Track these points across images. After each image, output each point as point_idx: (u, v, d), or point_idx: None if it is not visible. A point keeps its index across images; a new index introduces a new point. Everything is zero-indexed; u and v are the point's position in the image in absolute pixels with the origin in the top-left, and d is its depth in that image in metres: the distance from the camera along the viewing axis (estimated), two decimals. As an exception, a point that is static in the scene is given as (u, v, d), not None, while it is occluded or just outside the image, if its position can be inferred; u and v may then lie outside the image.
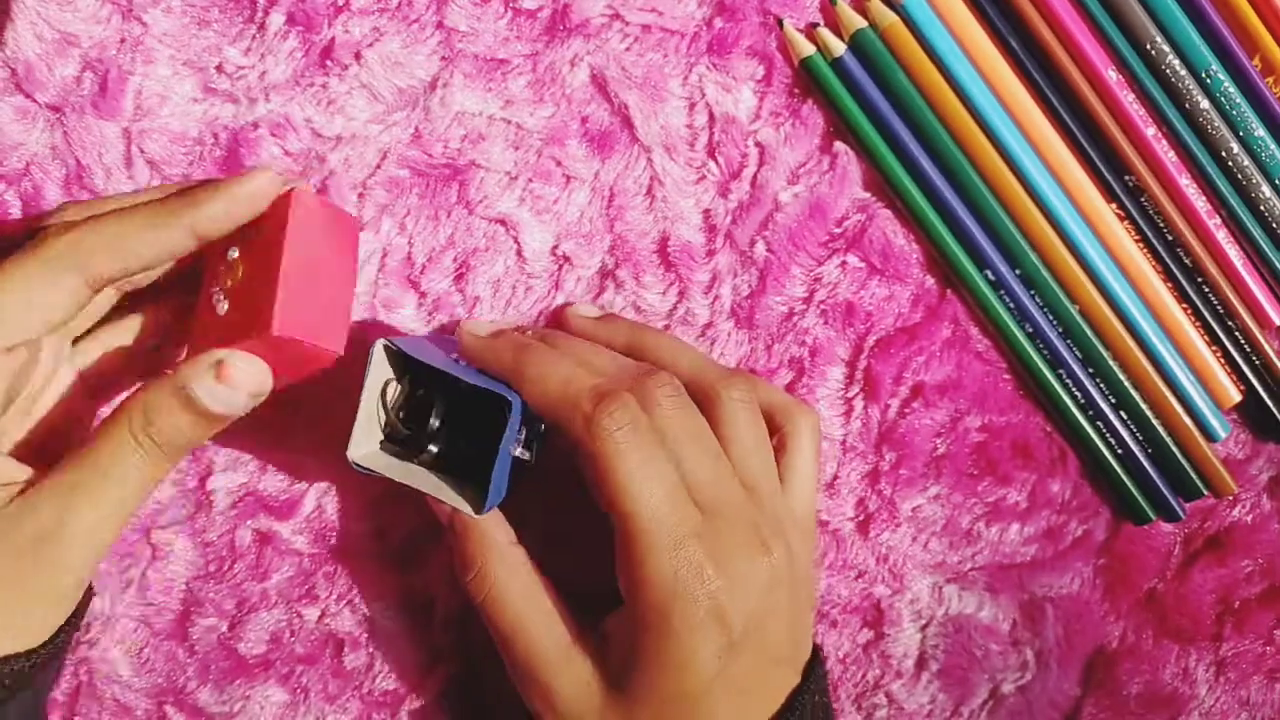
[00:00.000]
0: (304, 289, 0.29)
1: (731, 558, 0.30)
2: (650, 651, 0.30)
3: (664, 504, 0.30)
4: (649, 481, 0.30)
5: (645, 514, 0.29)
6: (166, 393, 0.28)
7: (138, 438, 0.28)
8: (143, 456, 0.28)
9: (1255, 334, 0.39)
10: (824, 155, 0.38)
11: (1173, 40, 0.38)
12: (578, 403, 0.30)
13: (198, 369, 0.28)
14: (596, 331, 0.36)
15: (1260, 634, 0.41)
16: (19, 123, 0.35)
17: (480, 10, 0.37)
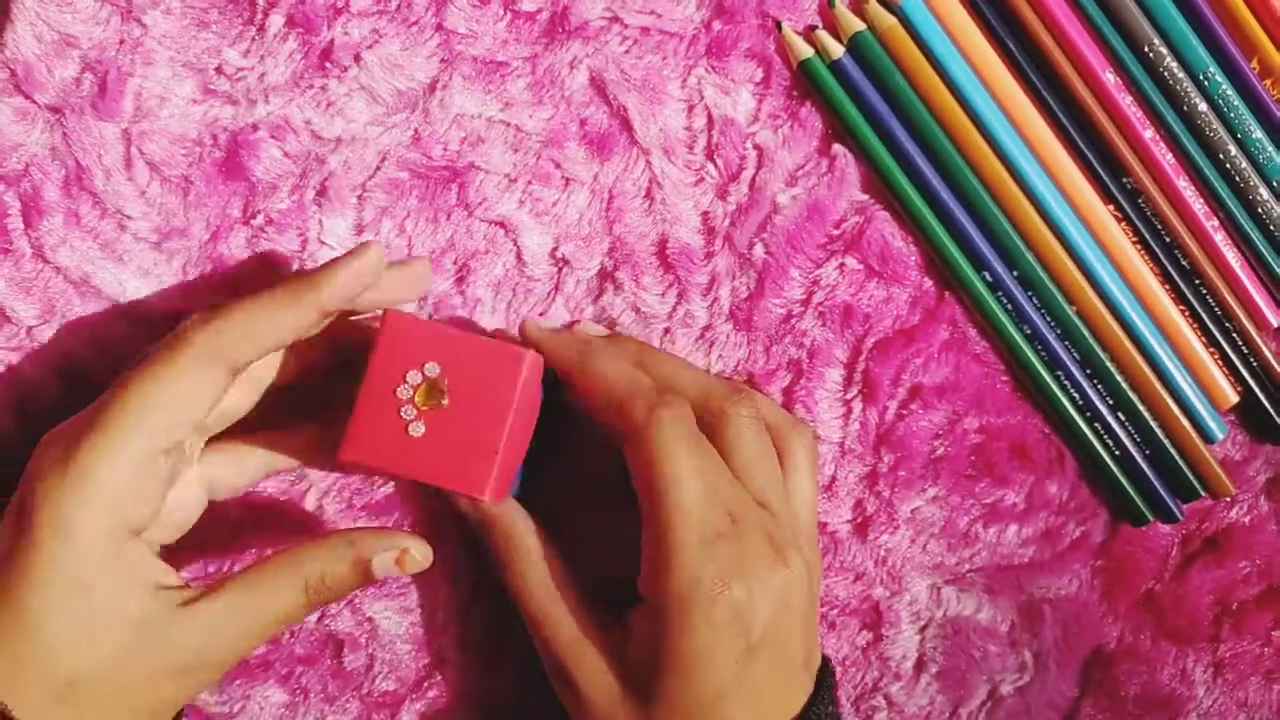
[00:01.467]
0: (509, 452, 0.32)
1: (755, 565, 0.31)
2: (671, 648, 0.31)
3: (701, 500, 0.31)
4: (692, 477, 0.31)
5: (684, 506, 0.31)
6: (347, 560, 0.30)
7: (310, 593, 0.30)
8: (304, 607, 0.30)
9: (1253, 335, 0.39)
10: (822, 158, 0.38)
11: (1170, 43, 0.38)
12: (642, 395, 0.32)
13: (382, 546, 0.31)
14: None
15: (1258, 635, 0.41)
16: (18, 124, 0.35)
17: (479, 13, 0.37)
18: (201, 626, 0.29)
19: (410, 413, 0.31)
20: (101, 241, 0.36)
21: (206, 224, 0.36)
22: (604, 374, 0.33)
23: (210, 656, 0.30)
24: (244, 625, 0.30)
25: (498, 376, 0.31)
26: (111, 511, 0.28)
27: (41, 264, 0.36)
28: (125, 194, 0.36)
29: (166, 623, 0.29)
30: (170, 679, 0.29)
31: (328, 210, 0.37)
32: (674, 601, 0.31)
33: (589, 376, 0.33)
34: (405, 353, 0.31)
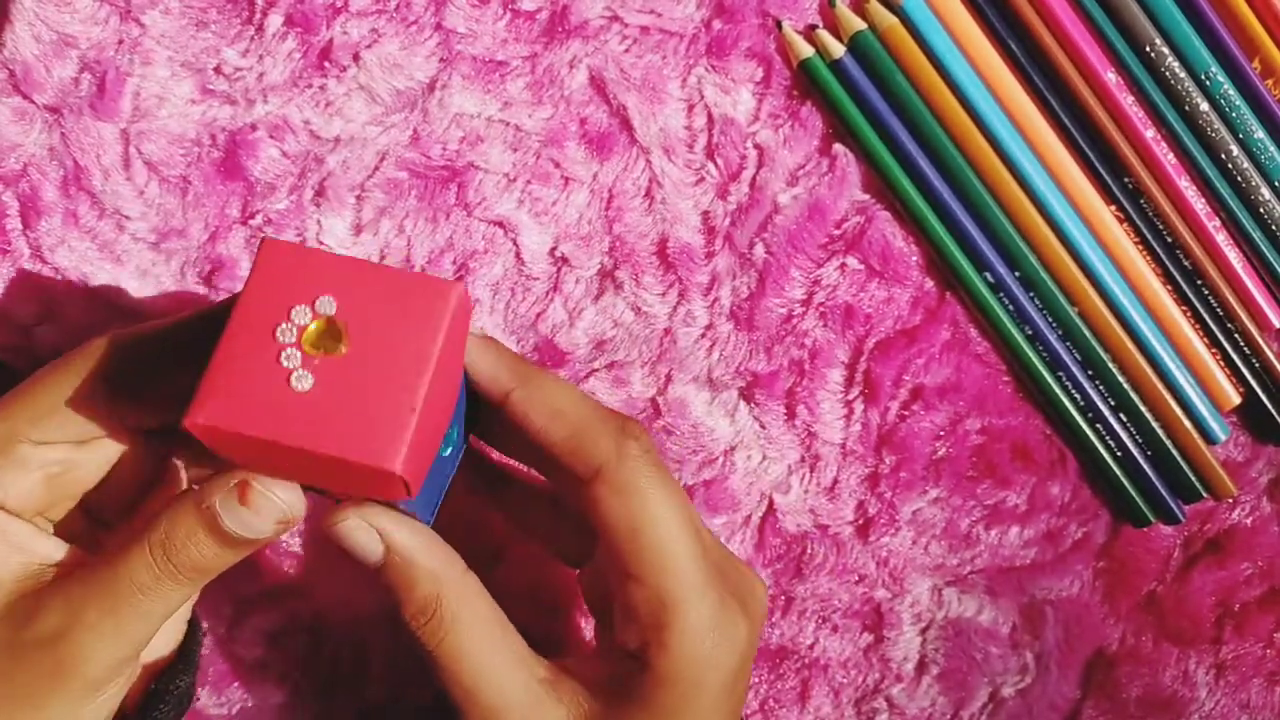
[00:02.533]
0: (428, 418, 0.23)
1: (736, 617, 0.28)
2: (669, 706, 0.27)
3: (697, 545, 0.27)
4: (685, 522, 0.27)
5: (687, 554, 0.27)
6: (189, 509, 0.25)
7: (154, 555, 0.25)
8: (156, 576, 0.25)
9: (1255, 336, 0.39)
10: (823, 157, 0.38)
11: (1172, 42, 0.38)
12: (603, 426, 0.28)
13: (220, 486, 0.25)
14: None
15: (1260, 637, 0.41)
16: (17, 124, 0.35)
17: (479, 12, 0.36)
18: (62, 600, 0.26)
19: (294, 359, 0.23)
20: (100, 242, 0.36)
21: (205, 224, 0.36)
22: (557, 405, 0.28)
23: (75, 636, 0.26)
24: (99, 600, 0.26)
25: (416, 315, 0.23)
26: None
27: (40, 264, 0.36)
28: (124, 194, 0.36)
29: (38, 596, 0.26)
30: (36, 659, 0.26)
31: (326, 210, 0.36)
32: (683, 660, 0.27)
33: (535, 406, 0.28)
34: (289, 286, 0.23)
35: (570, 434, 0.27)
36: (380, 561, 0.27)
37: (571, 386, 0.28)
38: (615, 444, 0.27)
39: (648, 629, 0.27)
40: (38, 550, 0.27)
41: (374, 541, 0.26)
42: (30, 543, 0.27)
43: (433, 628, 0.27)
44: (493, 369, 0.28)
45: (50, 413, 0.27)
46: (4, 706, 0.26)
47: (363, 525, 0.26)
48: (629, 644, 0.28)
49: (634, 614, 0.27)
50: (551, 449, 0.28)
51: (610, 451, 0.27)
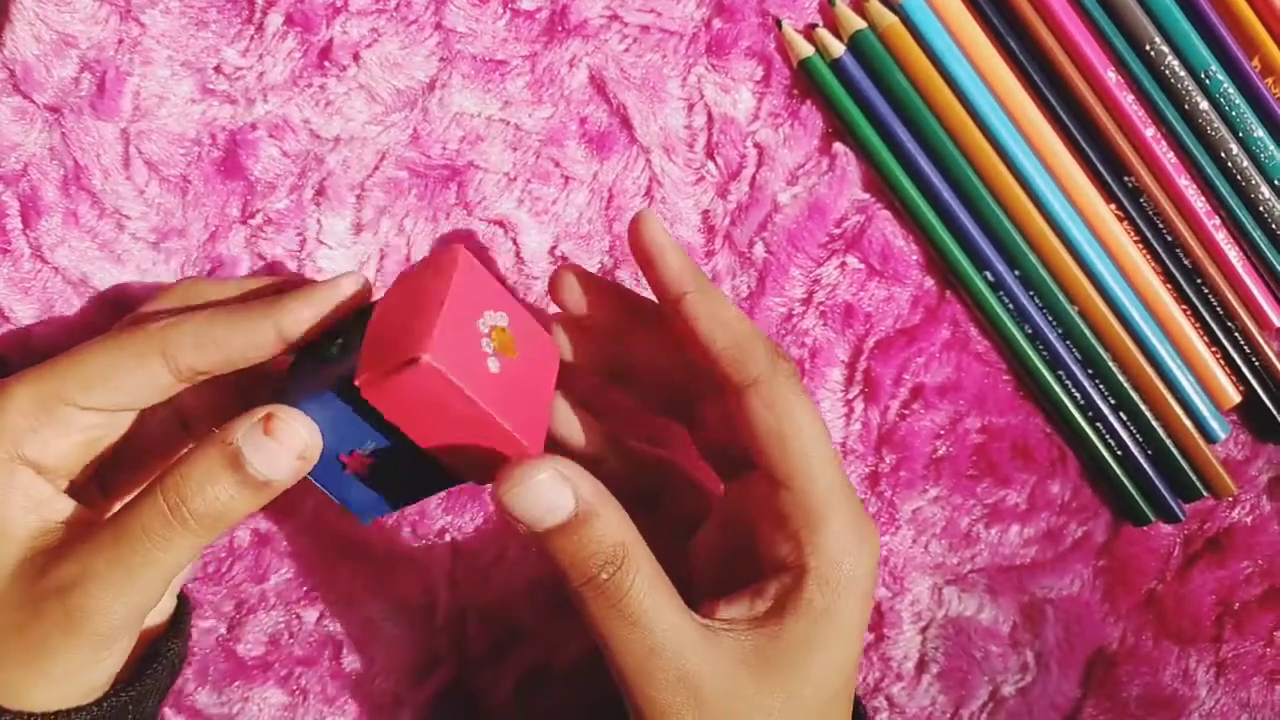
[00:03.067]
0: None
1: (871, 528, 0.30)
2: (807, 637, 0.28)
3: (837, 459, 0.29)
4: (825, 434, 0.29)
5: (830, 464, 0.29)
6: (209, 450, 0.26)
7: (168, 503, 0.26)
8: (168, 524, 0.26)
9: (1255, 335, 0.39)
10: (823, 156, 0.38)
11: (1172, 41, 0.38)
12: (762, 342, 0.29)
13: (244, 422, 0.26)
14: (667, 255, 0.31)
15: (1260, 635, 0.41)
16: (17, 123, 0.35)
17: (479, 11, 0.36)
18: (77, 554, 0.27)
19: (490, 347, 0.28)
20: (100, 241, 0.36)
21: (205, 224, 0.36)
22: (726, 315, 0.29)
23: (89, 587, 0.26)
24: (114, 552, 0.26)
25: (542, 349, 0.30)
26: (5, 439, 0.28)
27: (40, 264, 0.36)
28: (124, 194, 0.36)
29: (52, 551, 0.28)
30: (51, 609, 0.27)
31: (326, 209, 0.36)
32: (832, 567, 0.28)
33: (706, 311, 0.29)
34: (476, 294, 0.28)
35: (732, 344, 0.29)
36: (570, 515, 0.26)
37: (730, 304, 0.30)
38: (770, 361, 0.29)
39: (800, 531, 0.29)
40: (57, 508, 0.29)
41: (566, 495, 0.26)
42: (51, 501, 0.29)
43: (620, 579, 0.27)
44: (679, 269, 0.30)
45: (102, 380, 0.28)
46: (16, 659, 0.27)
47: (557, 476, 0.26)
48: (781, 553, 0.29)
49: (785, 521, 0.29)
50: (712, 355, 0.29)
51: (765, 366, 0.29)
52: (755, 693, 0.28)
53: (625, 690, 0.28)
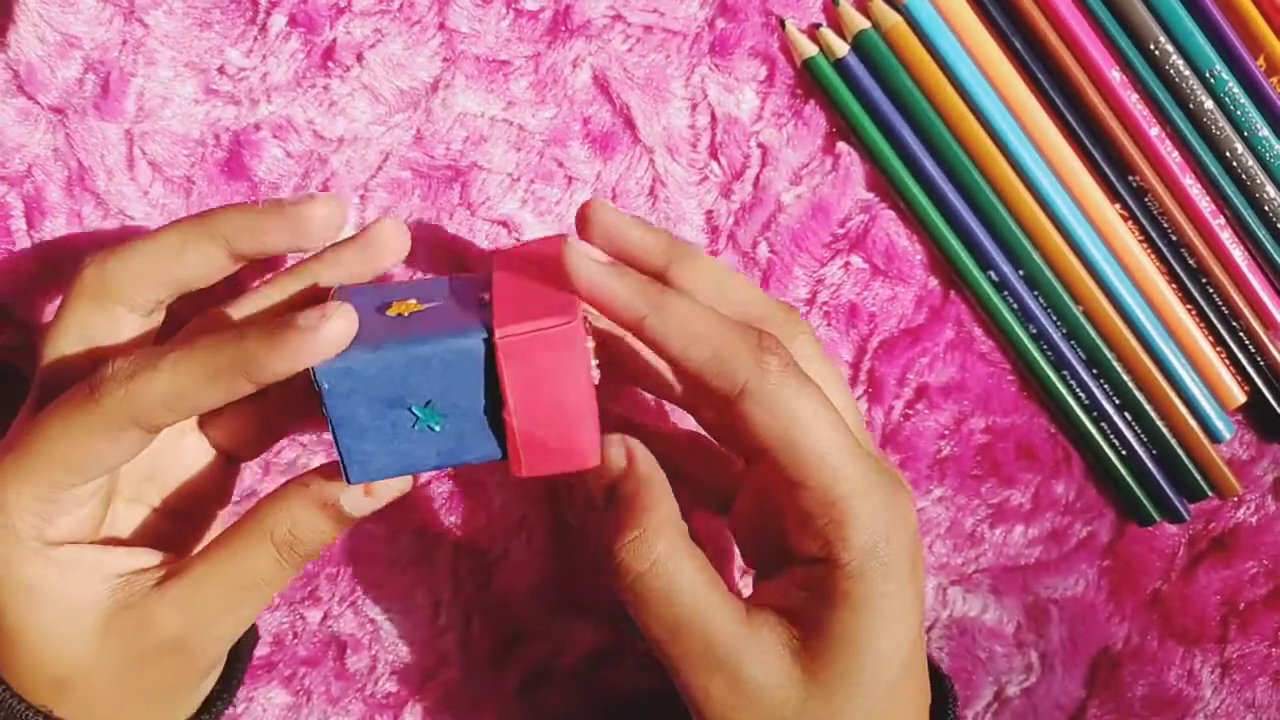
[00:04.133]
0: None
1: (903, 502, 0.28)
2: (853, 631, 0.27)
3: (851, 440, 0.27)
4: (834, 427, 0.27)
5: (844, 453, 0.27)
6: (311, 504, 0.28)
7: (281, 551, 0.28)
8: (280, 567, 0.28)
9: (1260, 335, 0.39)
10: (827, 156, 0.38)
11: (1176, 40, 0.37)
12: (739, 345, 0.27)
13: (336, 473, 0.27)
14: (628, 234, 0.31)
15: (1266, 635, 0.41)
16: (21, 124, 0.35)
17: (482, 11, 0.36)
18: (175, 605, 0.28)
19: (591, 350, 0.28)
20: (104, 242, 0.36)
21: (209, 224, 0.36)
22: (695, 328, 0.27)
23: (193, 633, 0.28)
24: (218, 596, 0.28)
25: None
26: (21, 530, 0.28)
27: (44, 265, 0.36)
28: (128, 194, 0.36)
29: (138, 607, 0.28)
30: (160, 660, 0.28)
31: (330, 210, 0.36)
32: (866, 557, 0.27)
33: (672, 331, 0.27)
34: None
35: (709, 356, 0.27)
36: (620, 473, 0.28)
37: (703, 306, 0.28)
38: (755, 361, 0.27)
39: (826, 529, 0.27)
40: (113, 565, 0.29)
41: (620, 455, 0.28)
42: (102, 562, 0.29)
43: (667, 552, 0.27)
44: (626, 297, 0.27)
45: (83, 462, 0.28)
46: (138, 705, 0.29)
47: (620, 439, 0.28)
48: (810, 549, 0.28)
49: (808, 521, 0.28)
50: (691, 374, 0.27)
51: (751, 368, 0.27)
52: (806, 681, 0.27)
53: (674, 677, 0.28)
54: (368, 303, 0.28)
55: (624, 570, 0.27)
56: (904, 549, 0.28)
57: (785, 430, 0.27)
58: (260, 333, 0.25)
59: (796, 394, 0.27)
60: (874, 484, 0.28)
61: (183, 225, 0.29)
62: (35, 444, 0.27)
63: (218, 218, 0.28)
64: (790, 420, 0.27)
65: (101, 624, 0.28)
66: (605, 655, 0.39)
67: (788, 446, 0.27)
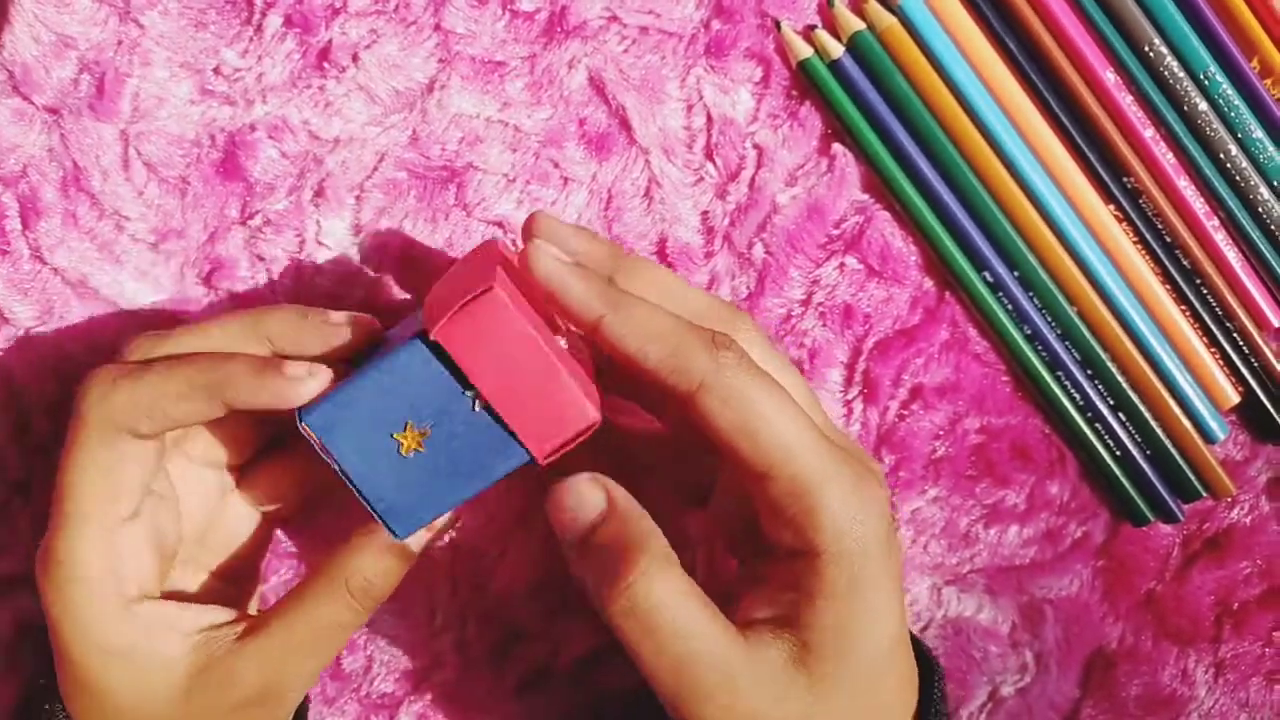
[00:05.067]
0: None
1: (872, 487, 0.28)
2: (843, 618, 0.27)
3: (813, 428, 0.27)
4: (792, 410, 0.27)
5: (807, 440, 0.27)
6: (380, 549, 0.29)
7: (357, 598, 0.29)
8: (357, 613, 0.30)
9: (1254, 335, 0.39)
10: (822, 157, 0.38)
11: (1171, 42, 0.38)
12: (693, 342, 0.27)
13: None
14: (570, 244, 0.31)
15: (1259, 635, 0.41)
16: (16, 125, 0.35)
17: (478, 12, 0.36)
18: (257, 658, 0.29)
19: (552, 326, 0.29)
20: (99, 242, 0.36)
21: (204, 225, 0.36)
22: (651, 326, 0.27)
23: (277, 684, 0.30)
24: (300, 647, 0.29)
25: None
26: (100, 589, 0.29)
27: (39, 265, 0.36)
28: (123, 195, 0.36)
29: (221, 662, 0.29)
30: (244, 713, 0.30)
31: (325, 211, 0.36)
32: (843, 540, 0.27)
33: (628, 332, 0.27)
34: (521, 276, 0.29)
35: (666, 354, 0.27)
36: (601, 516, 0.28)
37: (657, 307, 0.28)
38: (710, 357, 0.27)
39: (798, 518, 0.27)
40: (191, 622, 0.30)
41: (599, 496, 0.28)
42: (183, 619, 0.30)
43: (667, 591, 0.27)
44: (582, 296, 0.28)
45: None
46: None
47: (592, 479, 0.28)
48: (786, 541, 0.28)
49: (780, 511, 0.28)
50: (648, 373, 0.28)
51: (707, 364, 0.27)
52: (810, 684, 0.27)
53: (674, 710, 0.28)
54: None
55: (624, 615, 0.27)
56: (878, 530, 0.28)
57: (744, 422, 0.27)
58: (246, 365, 0.28)
59: (751, 385, 0.27)
60: (839, 468, 0.27)
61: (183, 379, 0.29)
62: (69, 491, 0.29)
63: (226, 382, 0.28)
64: (748, 412, 0.27)
65: (185, 682, 0.29)
66: (602, 656, 0.39)
67: (748, 438, 0.27)
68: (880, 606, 0.28)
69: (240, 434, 0.33)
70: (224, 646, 0.29)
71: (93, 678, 0.29)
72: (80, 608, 0.29)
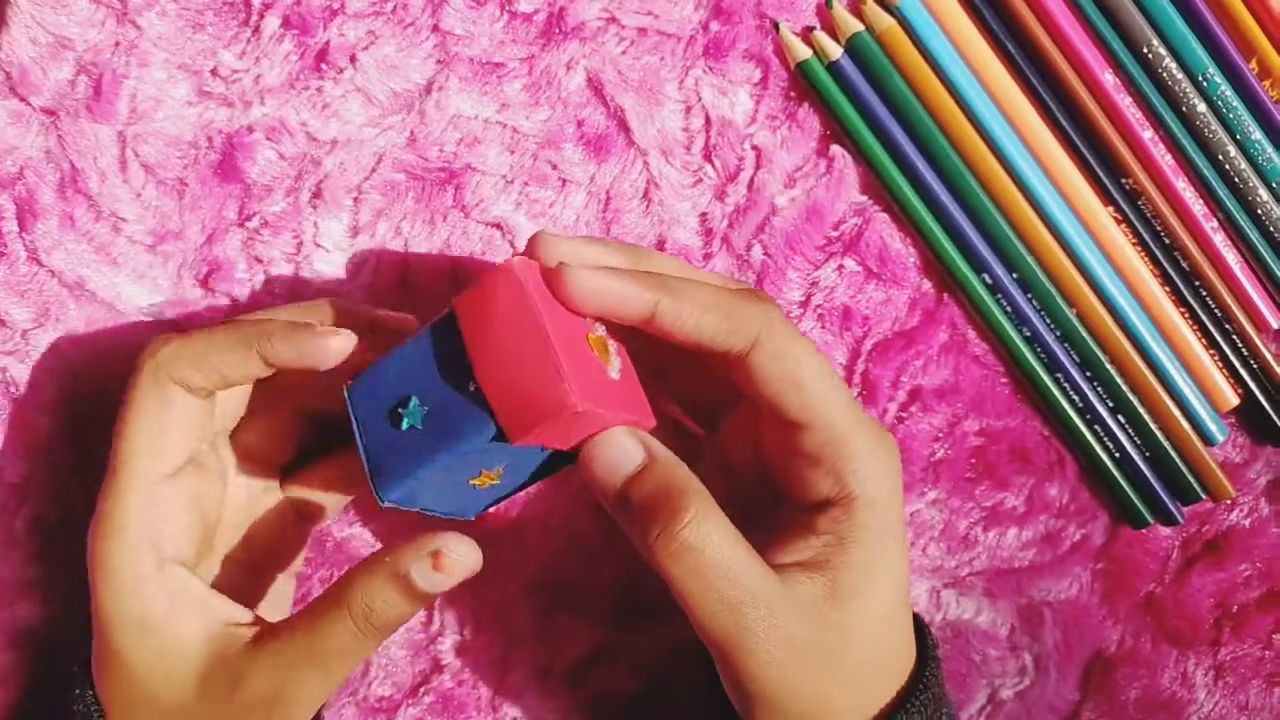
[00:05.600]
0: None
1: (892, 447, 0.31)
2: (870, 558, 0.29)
3: (846, 388, 0.30)
4: (829, 368, 0.30)
5: (843, 396, 0.29)
6: (385, 579, 0.29)
7: (358, 624, 0.29)
8: (360, 639, 0.29)
9: (1252, 337, 0.39)
10: (820, 159, 0.38)
11: (1169, 43, 0.38)
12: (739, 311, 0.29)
13: (415, 556, 0.28)
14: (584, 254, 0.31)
15: (1259, 638, 0.41)
16: (13, 126, 0.35)
17: (476, 14, 0.36)
18: (267, 667, 0.29)
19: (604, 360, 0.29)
20: (96, 244, 0.36)
21: (202, 226, 0.36)
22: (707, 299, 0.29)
23: (284, 697, 0.29)
24: (308, 663, 0.29)
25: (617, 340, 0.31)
26: (136, 544, 0.30)
27: (36, 267, 0.36)
28: (120, 196, 0.36)
29: (234, 663, 0.29)
30: (252, 716, 0.30)
31: (323, 212, 0.36)
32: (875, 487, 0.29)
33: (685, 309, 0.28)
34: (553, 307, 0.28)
35: (723, 319, 0.29)
36: (640, 467, 0.28)
37: (700, 282, 0.29)
38: (763, 314, 0.29)
39: (838, 465, 0.29)
40: (215, 609, 0.30)
41: (637, 449, 0.28)
42: (207, 601, 0.30)
43: (694, 529, 0.27)
44: (633, 292, 0.28)
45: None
46: None
47: (628, 432, 0.28)
48: (823, 490, 0.30)
49: (817, 459, 0.29)
50: (705, 341, 0.29)
51: (761, 321, 0.29)
52: (841, 620, 0.29)
53: (717, 648, 0.28)
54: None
55: (675, 558, 0.27)
56: (897, 483, 0.30)
57: (793, 374, 0.29)
58: (284, 324, 0.29)
59: (797, 343, 0.29)
60: (864, 423, 0.30)
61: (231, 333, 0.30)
62: (118, 444, 0.30)
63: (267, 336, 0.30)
64: (797, 365, 0.29)
65: (199, 671, 0.30)
66: (601, 658, 0.39)
67: (796, 390, 0.29)
68: (898, 552, 0.30)
69: (287, 431, 0.34)
70: (237, 647, 0.30)
71: (119, 651, 0.30)
72: (116, 561, 0.29)
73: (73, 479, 0.36)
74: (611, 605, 0.39)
